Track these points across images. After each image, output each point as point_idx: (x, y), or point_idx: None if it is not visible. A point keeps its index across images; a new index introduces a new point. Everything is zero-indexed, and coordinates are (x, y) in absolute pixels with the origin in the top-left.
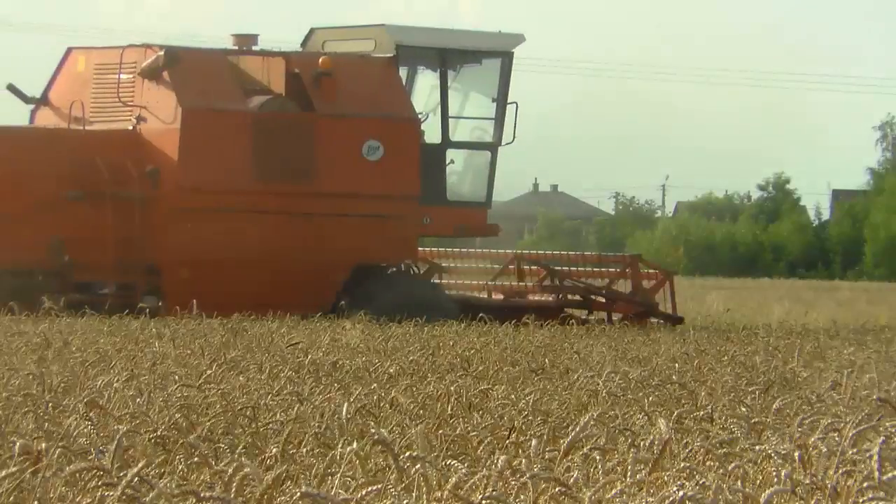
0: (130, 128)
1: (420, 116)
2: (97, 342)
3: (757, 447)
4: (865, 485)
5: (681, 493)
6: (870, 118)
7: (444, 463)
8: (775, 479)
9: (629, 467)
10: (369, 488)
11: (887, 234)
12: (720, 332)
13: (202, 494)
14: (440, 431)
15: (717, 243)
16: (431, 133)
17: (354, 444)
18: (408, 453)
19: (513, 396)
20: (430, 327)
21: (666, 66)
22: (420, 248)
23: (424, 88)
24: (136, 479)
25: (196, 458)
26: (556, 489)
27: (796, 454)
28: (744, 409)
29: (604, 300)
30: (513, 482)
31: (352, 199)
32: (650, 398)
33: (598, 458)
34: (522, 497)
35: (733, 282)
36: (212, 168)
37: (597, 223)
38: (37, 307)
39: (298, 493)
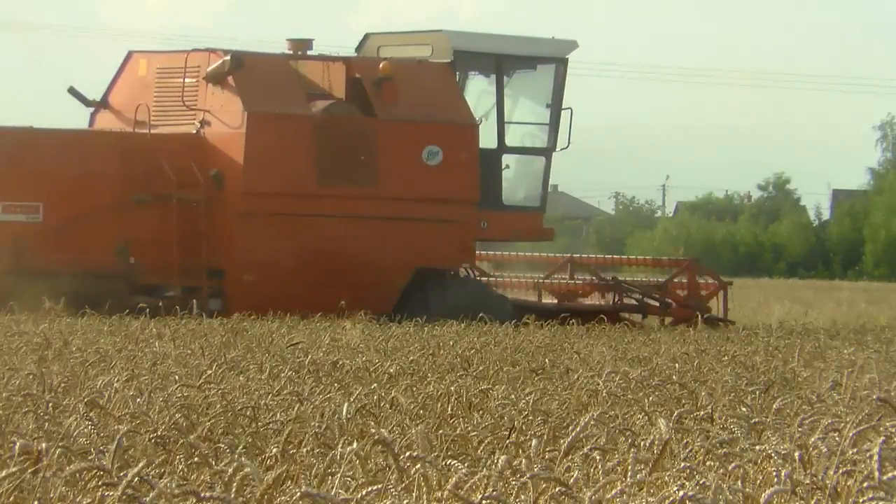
0: (195, 131)
1: (477, 122)
2: (97, 342)
3: (757, 447)
4: (866, 485)
5: (681, 493)
6: (870, 118)
7: (444, 463)
8: (775, 479)
9: (629, 467)
10: (369, 488)
11: (887, 234)
12: (720, 331)
13: (202, 494)
14: (440, 431)
15: (717, 243)
16: (486, 138)
17: (354, 444)
18: (408, 453)
19: (513, 396)
20: (430, 327)
21: (666, 66)
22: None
23: (480, 94)
24: (137, 479)
25: (196, 458)
26: (557, 489)
27: (796, 454)
28: (744, 409)
29: (658, 304)
30: (513, 482)
31: (412, 204)
32: (650, 398)
33: (598, 458)
34: (523, 497)
35: (733, 281)
36: (275, 172)
37: (597, 223)
38: (104, 310)
39: (298, 493)
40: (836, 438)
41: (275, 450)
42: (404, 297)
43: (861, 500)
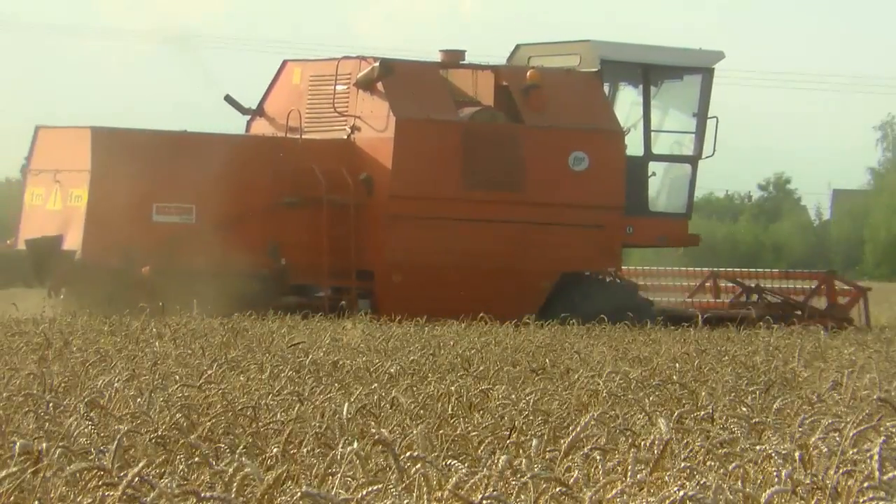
0: (345, 137)
1: (623, 129)
2: (98, 342)
3: (757, 447)
4: (866, 485)
5: (681, 493)
6: (870, 118)
7: (444, 463)
8: (776, 479)
9: (630, 467)
10: (370, 488)
11: (887, 234)
12: (720, 331)
13: (203, 494)
14: (441, 431)
15: (717, 243)
16: (633, 146)
17: (355, 444)
18: (408, 453)
19: (513, 396)
20: (430, 327)
21: None
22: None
23: (627, 103)
24: (137, 478)
25: (197, 458)
26: (557, 489)
27: (797, 454)
28: (744, 409)
29: (801, 313)
30: (513, 482)
31: (558, 209)
32: (651, 398)
33: (598, 458)
34: (523, 497)
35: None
36: (423, 176)
37: None
38: (256, 310)
39: (299, 493)
40: (837, 438)
41: (275, 450)
42: (550, 301)
43: (861, 500)
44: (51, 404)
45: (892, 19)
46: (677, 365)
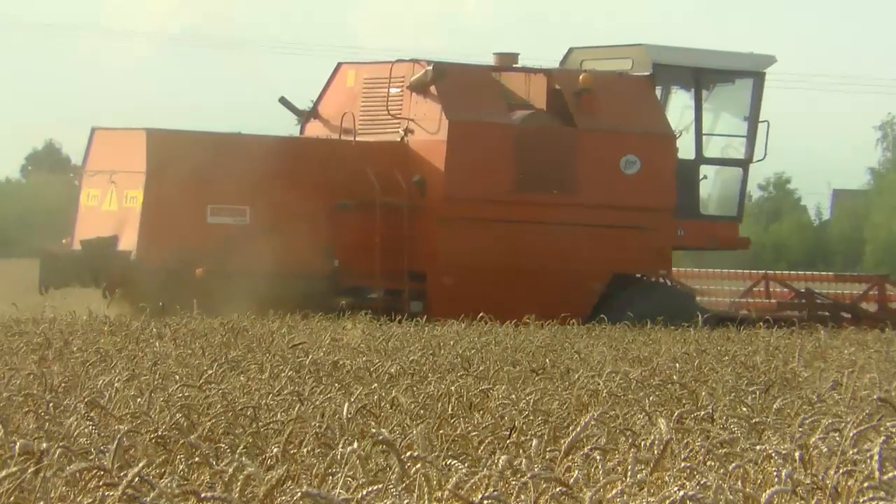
0: (398, 139)
1: (674, 133)
2: (98, 342)
3: (758, 447)
4: (866, 485)
5: (681, 493)
6: (870, 118)
7: (444, 463)
8: (776, 479)
9: (630, 467)
10: (370, 488)
11: (887, 234)
12: (720, 331)
13: (203, 494)
14: (441, 431)
15: None
16: (685, 150)
17: (355, 444)
18: (409, 453)
19: (513, 396)
20: (430, 327)
21: None
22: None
23: (678, 107)
24: (137, 478)
25: (197, 458)
26: (557, 489)
27: (797, 454)
28: (744, 409)
29: (850, 316)
30: (513, 482)
31: (609, 211)
32: (651, 398)
33: (598, 458)
34: (523, 497)
35: None
36: (476, 178)
37: None
38: (309, 311)
39: (299, 493)
40: (837, 438)
41: (275, 450)
42: (601, 302)
43: (861, 500)
44: (51, 404)
45: (892, 19)
46: (677, 365)
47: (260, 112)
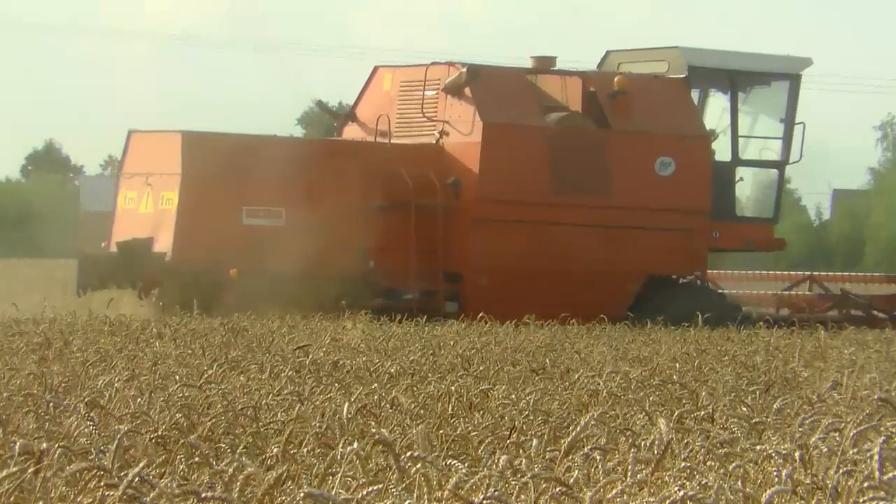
0: (434, 141)
1: (711, 135)
2: (98, 342)
3: (758, 447)
4: (866, 485)
5: (682, 493)
6: (870, 118)
7: (444, 463)
8: (776, 479)
9: (630, 467)
10: (370, 488)
11: (888, 234)
12: (720, 331)
13: (203, 494)
14: (441, 431)
15: None
16: (721, 152)
17: (355, 444)
18: (409, 453)
19: (513, 396)
20: (430, 327)
21: None
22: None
23: (715, 109)
24: (137, 478)
25: (197, 458)
26: (557, 489)
27: (797, 454)
28: (744, 409)
29: (885, 316)
30: (513, 482)
31: (644, 213)
32: (651, 398)
33: (598, 458)
34: (523, 497)
35: None
36: (510, 180)
37: None
38: (342, 313)
39: (300, 493)
40: (837, 438)
41: (275, 450)
42: (637, 304)
43: (861, 500)
44: (51, 404)
45: (892, 19)
46: (677, 365)
47: (260, 112)
